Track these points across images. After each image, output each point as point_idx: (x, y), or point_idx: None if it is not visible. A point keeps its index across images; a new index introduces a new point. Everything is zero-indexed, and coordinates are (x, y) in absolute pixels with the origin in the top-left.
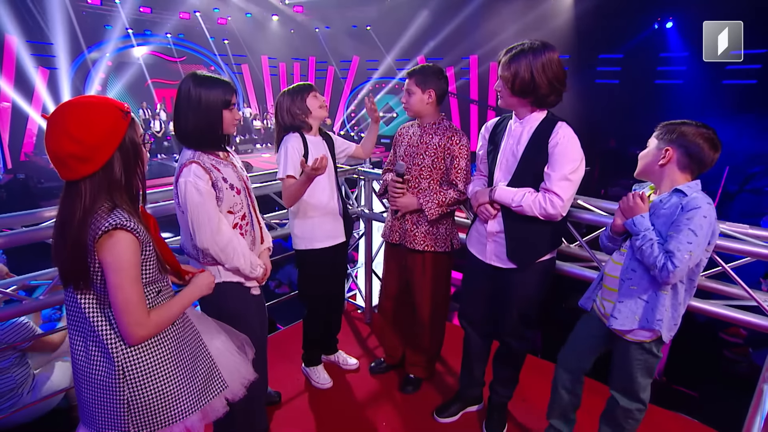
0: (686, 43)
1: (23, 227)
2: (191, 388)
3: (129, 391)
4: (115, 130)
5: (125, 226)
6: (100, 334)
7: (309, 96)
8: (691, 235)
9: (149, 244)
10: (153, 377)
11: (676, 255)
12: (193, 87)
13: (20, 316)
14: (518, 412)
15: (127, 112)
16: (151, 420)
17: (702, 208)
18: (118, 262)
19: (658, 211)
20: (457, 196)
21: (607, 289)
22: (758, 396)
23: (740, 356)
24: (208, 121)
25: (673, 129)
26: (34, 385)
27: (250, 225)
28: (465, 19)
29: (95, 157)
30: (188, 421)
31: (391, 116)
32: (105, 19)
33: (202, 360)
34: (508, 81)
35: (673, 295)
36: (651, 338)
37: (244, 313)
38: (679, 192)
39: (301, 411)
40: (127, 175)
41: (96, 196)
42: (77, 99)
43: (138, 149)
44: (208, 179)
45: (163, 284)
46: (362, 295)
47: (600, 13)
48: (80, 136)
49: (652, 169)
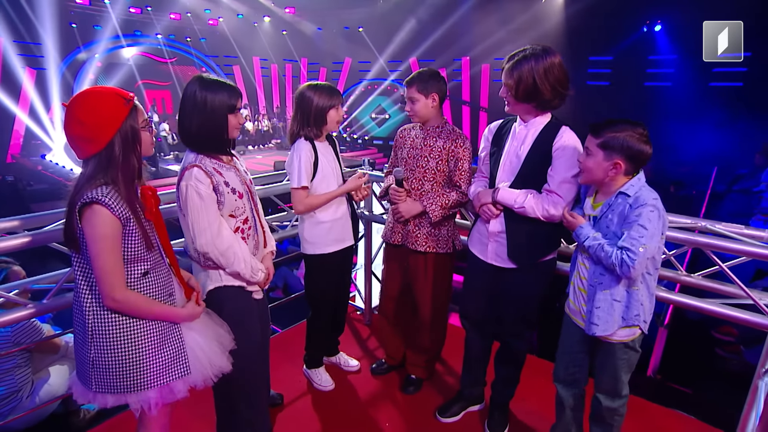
0: (674, 46)
1: (26, 231)
2: (152, 365)
3: (94, 351)
4: (115, 115)
5: (101, 201)
6: (80, 296)
7: (332, 109)
8: (642, 229)
9: (130, 221)
10: (115, 346)
11: (632, 249)
12: (199, 90)
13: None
14: (519, 412)
15: (129, 99)
16: (108, 382)
17: (648, 204)
18: (94, 234)
19: (609, 213)
20: (459, 198)
21: (580, 291)
22: (753, 392)
23: (732, 354)
24: (213, 125)
25: (619, 139)
26: (34, 389)
27: (253, 229)
28: (457, 21)
29: (98, 138)
30: (142, 395)
31: (384, 118)
32: (94, 19)
33: (172, 342)
34: (512, 88)
35: (645, 287)
36: (633, 336)
37: (246, 317)
38: (623, 194)
39: (304, 413)
40: (125, 154)
41: (95, 172)
42: (88, 89)
43: (136, 133)
44: (210, 183)
45: (150, 266)
46: (361, 297)
47: (590, 15)
48: (84, 118)
49: (599, 179)
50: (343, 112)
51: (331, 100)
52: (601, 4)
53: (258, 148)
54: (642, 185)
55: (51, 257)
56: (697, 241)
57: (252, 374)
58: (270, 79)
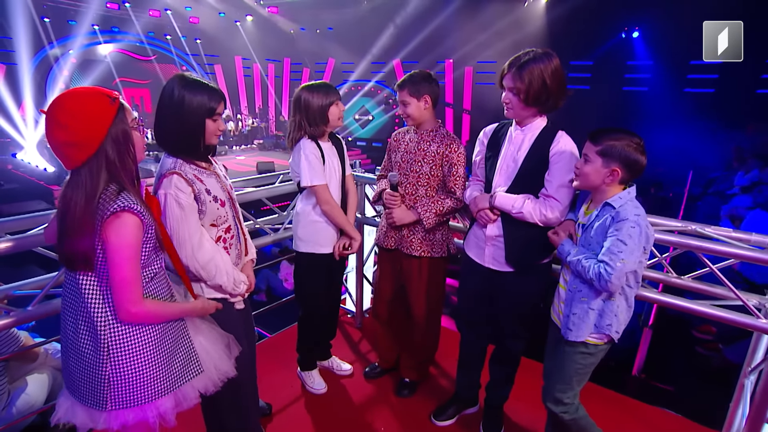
0: (650, 52)
1: (7, 234)
2: (168, 371)
3: (111, 368)
4: (102, 116)
5: (132, 209)
6: (92, 314)
7: (332, 106)
8: (621, 244)
9: (152, 227)
10: (134, 357)
11: (609, 263)
12: (177, 89)
13: (8, 328)
14: (514, 413)
15: (114, 98)
16: (126, 397)
17: (629, 219)
18: (120, 242)
19: (593, 224)
20: (454, 205)
21: (563, 290)
22: (739, 390)
23: (712, 352)
24: (187, 128)
25: (618, 148)
26: (10, 400)
27: (236, 238)
28: (440, 24)
29: (86, 143)
30: (161, 403)
31: (367, 119)
32: (68, 14)
33: (183, 347)
34: (521, 92)
35: (623, 300)
36: (598, 341)
37: (229, 329)
38: (609, 206)
39: (297, 419)
40: (120, 157)
41: (96, 180)
42: (68, 90)
43: (128, 134)
44: (191, 192)
45: (157, 268)
46: (353, 300)
47: (571, 20)
48: (67, 122)
49: (595, 185)
50: (342, 109)
51: (329, 97)
52: (581, 10)
53: (240, 149)
54: (629, 199)
55: (29, 262)
56: (689, 244)
57: (239, 386)
58: (252, 79)
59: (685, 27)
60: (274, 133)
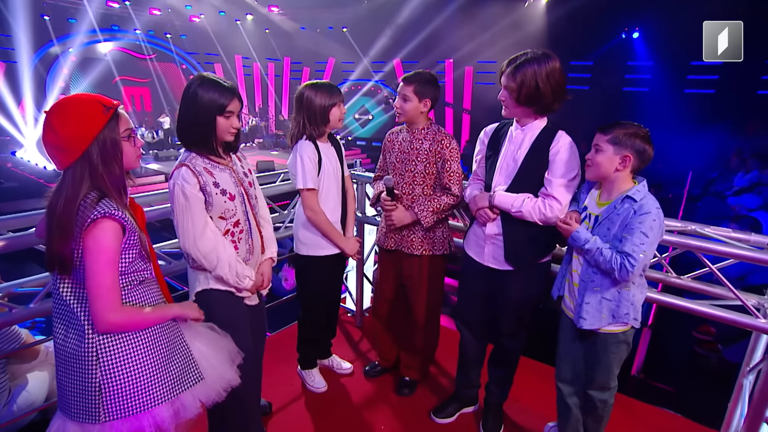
0: (651, 52)
1: (10, 232)
2: (164, 377)
3: (101, 374)
4: (90, 123)
5: (113, 215)
6: (79, 318)
7: (334, 107)
8: (643, 237)
9: (135, 232)
10: (126, 362)
11: (632, 255)
12: (194, 86)
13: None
14: (513, 413)
15: (109, 107)
16: (121, 406)
17: (652, 213)
18: (97, 248)
19: (614, 216)
20: (451, 201)
21: (574, 286)
22: (738, 390)
23: (711, 352)
24: (199, 123)
25: (629, 134)
26: (11, 397)
27: (246, 233)
28: (440, 24)
29: (71, 148)
30: (157, 412)
31: (367, 119)
32: (69, 12)
33: (179, 353)
34: (513, 91)
35: (636, 287)
36: (624, 328)
37: (235, 324)
38: (630, 198)
39: (297, 417)
40: (105, 165)
41: (78, 185)
42: (69, 96)
43: (116, 143)
44: (196, 183)
45: (147, 274)
46: (353, 299)
47: (571, 21)
48: (57, 125)
49: (608, 174)
50: (344, 110)
51: (332, 98)
52: (582, 10)
53: (240, 147)
54: (647, 192)
55: (29, 260)
56: (689, 244)
57: (243, 383)
58: (252, 78)
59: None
60: (273, 132)
